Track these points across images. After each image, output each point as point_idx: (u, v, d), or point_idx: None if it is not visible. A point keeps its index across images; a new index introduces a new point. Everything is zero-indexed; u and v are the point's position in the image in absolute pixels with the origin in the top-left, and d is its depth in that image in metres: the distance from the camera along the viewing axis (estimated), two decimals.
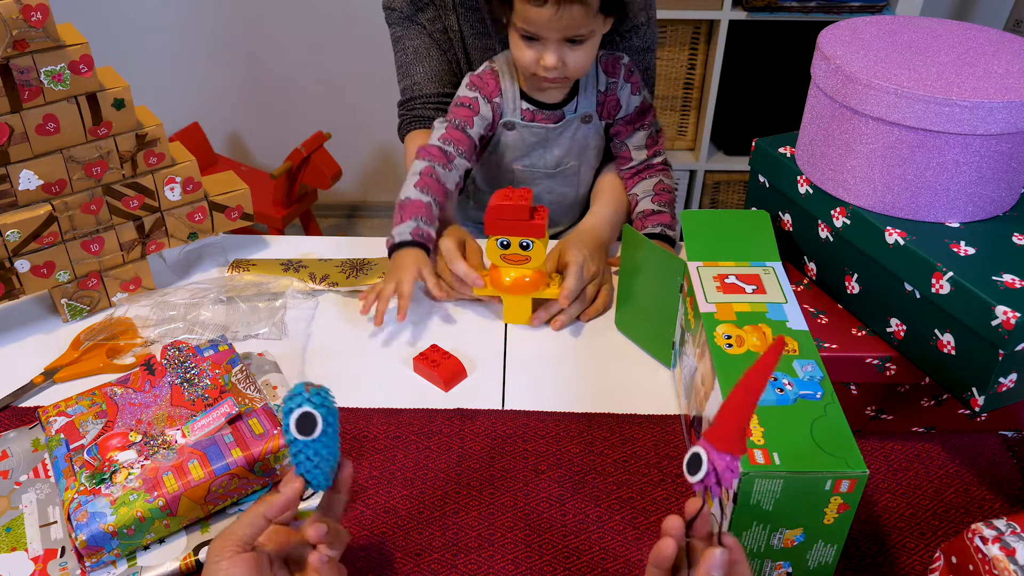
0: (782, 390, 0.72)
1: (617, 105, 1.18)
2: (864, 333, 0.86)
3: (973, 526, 0.65)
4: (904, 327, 0.82)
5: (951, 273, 0.75)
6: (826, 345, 0.84)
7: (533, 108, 1.15)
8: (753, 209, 0.99)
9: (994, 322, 0.71)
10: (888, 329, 0.84)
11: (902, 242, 0.79)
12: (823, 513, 0.67)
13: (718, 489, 0.58)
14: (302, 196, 2.42)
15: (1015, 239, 0.80)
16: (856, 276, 0.86)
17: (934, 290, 0.76)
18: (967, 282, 0.73)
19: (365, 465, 0.86)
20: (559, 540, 0.79)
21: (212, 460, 0.77)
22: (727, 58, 2.19)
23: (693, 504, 0.62)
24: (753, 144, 0.98)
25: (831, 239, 0.89)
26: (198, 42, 2.47)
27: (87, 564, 0.73)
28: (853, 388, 0.86)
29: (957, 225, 0.82)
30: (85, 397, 0.85)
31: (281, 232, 2.35)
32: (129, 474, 0.76)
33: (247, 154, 2.69)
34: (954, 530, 0.80)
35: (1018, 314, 0.70)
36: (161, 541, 0.76)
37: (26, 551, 0.75)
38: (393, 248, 1.05)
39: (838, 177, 0.86)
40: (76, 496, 0.74)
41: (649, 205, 1.17)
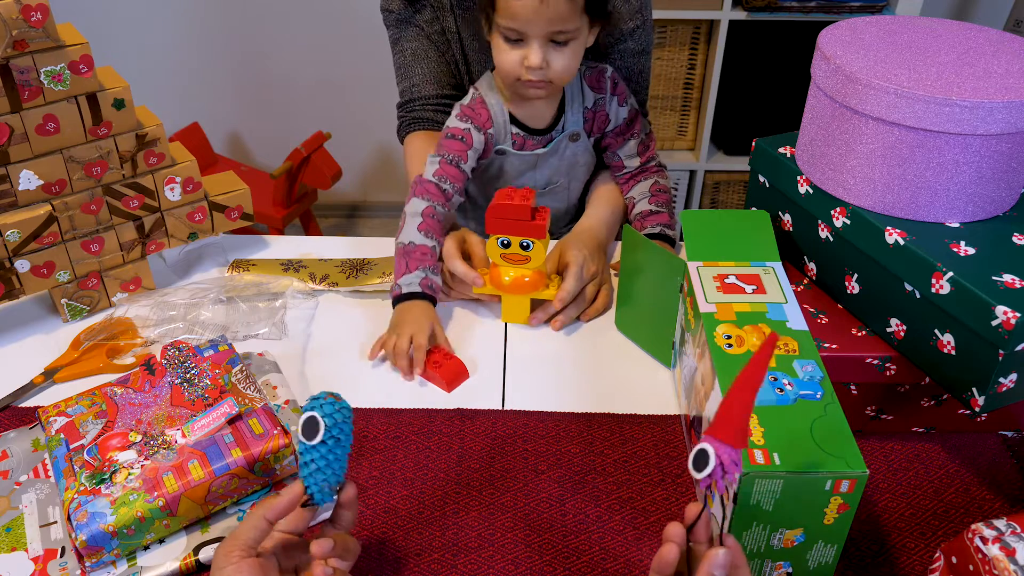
0: (782, 390, 0.72)
1: (606, 119, 1.16)
2: (864, 333, 0.86)
3: (973, 526, 0.65)
4: (904, 327, 0.82)
5: (951, 273, 0.75)
6: (826, 345, 0.84)
7: (524, 134, 1.13)
8: (753, 209, 0.99)
9: (994, 322, 0.71)
10: (888, 329, 0.84)
11: (902, 242, 0.79)
12: (823, 513, 0.67)
13: (722, 484, 0.59)
14: (302, 196, 2.42)
15: (1015, 239, 0.80)
16: (856, 276, 0.86)
17: (934, 290, 0.76)
18: (967, 282, 0.73)
19: (365, 465, 0.86)
20: (559, 540, 0.79)
21: (212, 460, 0.77)
22: (727, 58, 2.19)
23: (693, 509, 0.62)
24: (753, 144, 0.98)
25: (831, 239, 0.89)
26: (198, 42, 2.48)
27: (87, 564, 0.73)
28: (853, 388, 0.86)
29: (957, 225, 0.82)
30: (85, 397, 0.85)
31: (281, 232, 2.35)
32: (129, 474, 0.76)
33: (247, 154, 2.69)
34: (954, 530, 0.80)
35: (1018, 314, 0.70)
36: (161, 541, 0.76)
37: (26, 551, 0.75)
38: (400, 298, 1.02)
39: (838, 177, 0.86)
40: (76, 496, 0.74)
41: (647, 206, 1.17)
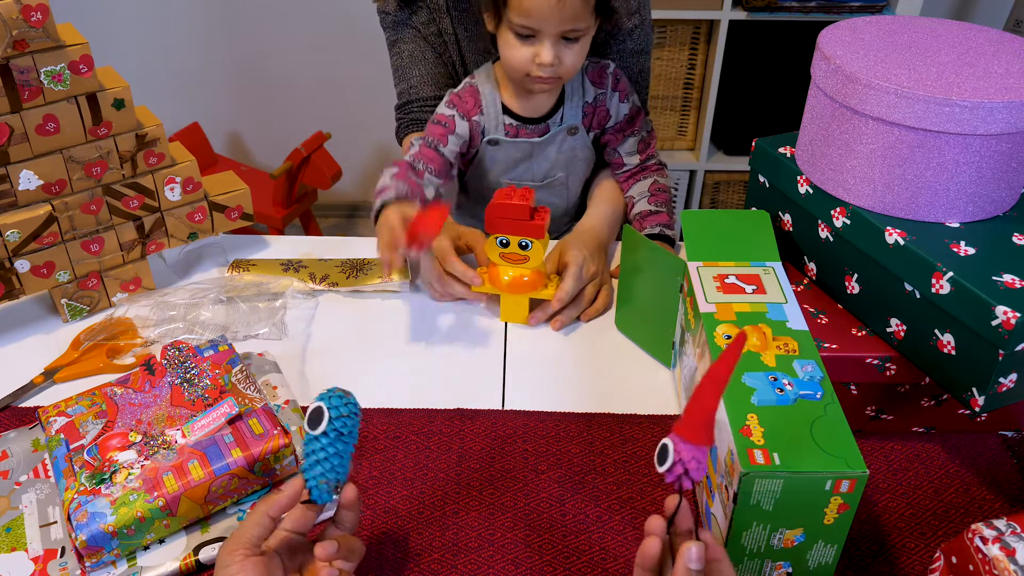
0: (782, 390, 0.72)
1: (607, 115, 1.17)
2: (864, 333, 0.86)
3: (973, 526, 0.65)
4: (904, 327, 0.82)
5: (951, 273, 0.75)
6: (826, 345, 0.84)
7: (517, 123, 1.14)
8: (753, 209, 0.99)
9: (994, 322, 0.71)
10: (888, 329, 0.84)
11: (902, 242, 0.79)
12: (823, 513, 0.67)
13: (688, 480, 0.60)
14: (302, 196, 2.42)
15: (1015, 239, 0.80)
16: (856, 276, 0.86)
17: (934, 290, 0.76)
18: (967, 282, 0.73)
19: (365, 465, 0.86)
20: (559, 540, 0.79)
21: (212, 460, 0.77)
22: (727, 58, 2.19)
23: (671, 501, 0.63)
24: (753, 144, 0.98)
25: (831, 239, 0.89)
26: (198, 42, 2.48)
27: (87, 564, 0.73)
28: (853, 388, 0.86)
29: (957, 225, 0.82)
30: (85, 397, 0.85)
31: (281, 232, 2.35)
32: (129, 474, 0.76)
33: (247, 154, 2.69)
34: (954, 530, 0.80)
35: (1018, 314, 0.70)
36: (161, 541, 0.76)
37: (26, 551, 0.75)
38: (377, 214, 1.00)
39: (838, 177, 0.86)
40: (76, 496, 0.74)
41: (646, 206, 1.17)
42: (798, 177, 0.91)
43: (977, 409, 0.76)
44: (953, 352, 0.77)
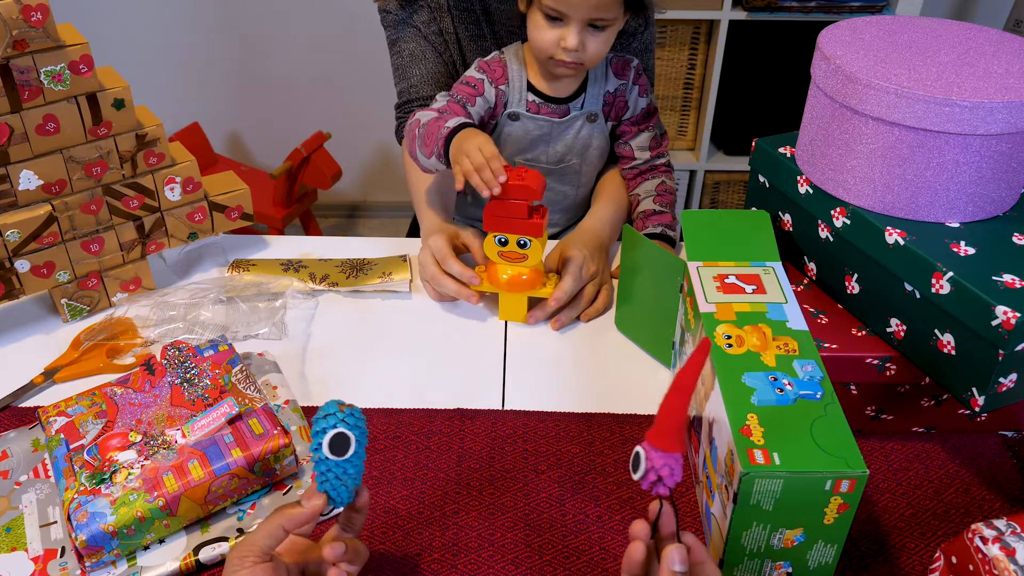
0: (782, 390, 0.72)
1: (625, 106, 1.18)
2: (864, 333, 0.86)
3: (973, 526, 0.65)
4: (904, 327, 0.82)
5: (951, 273, 0.75)
6: (826, 345, 0.84)
7: (539, 101, 1.15)
8: (753, 209, 0.99)
9: (994, 322, 0.71)
10: (888, 329, 0.84)
11: (902, 242, 0.79)
12: (823, 513, 0.67)
13: (662, 487, 0.61)
14: (302, 196, 2.42)
15: (1015, 239, 0.80)
16: (856, 276, 0.86)
17: (934, 290, 0.76)
18: (967, 282, 0.73)
19: (365, 465, 0.85)
20: (559, 540, 0.79)
21: (212, 460, 0.77)
22: (727, 58, 2.19)
23: (655, 505, 0.64)
24: (753, 144, 0.98)
25: (831, 239, 0.89)
26: (198, 42, 2.47)
27: (87, 564, 0.73)
28: (853, 388, 0.86)
29: (957, 225, 0.82)
30: (85, 397, 0.85)
31: (281, 232, 2.35)
32: (129, 474, 0.76)
33: (247, 154, 2.69)
34: (954, 530, 0.80)
35: (1018, 314, 0.70)
36: (161, 541, 0.76)
37: (26, 551, 0.75)
38: (450, 135, 1.01)
39: (838, 177, 0.86)
40: (76, 496, 0.74)
41: (651, 205, 1.17)
42: (798, 177, 0.91)
43: (977, 409, 0.76)
44: (953, 352, 0.77)
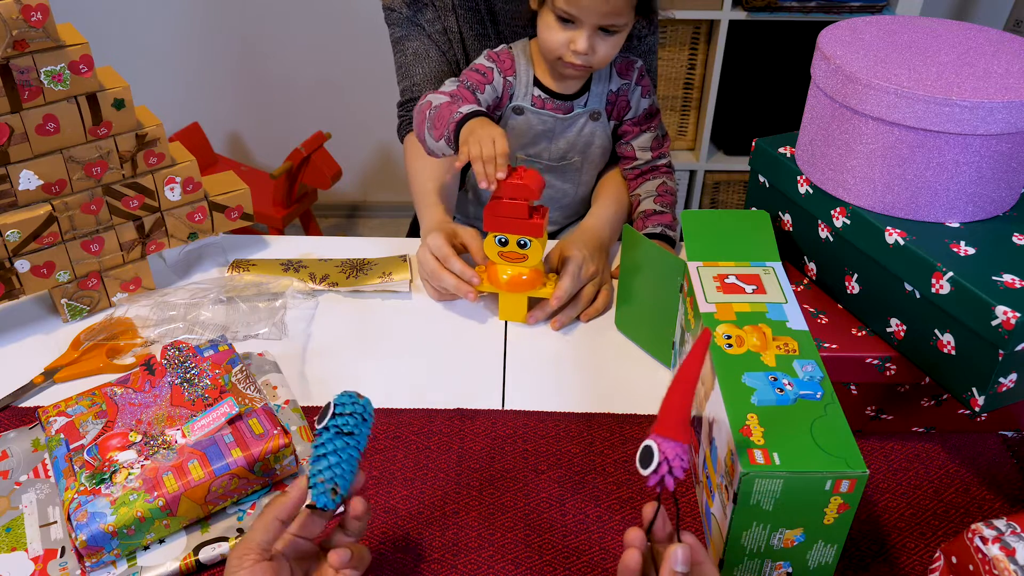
0: (782, 390, 0.72)
1: (627, 106, 1.18)
2: (864, 333, 0.86)
3: (973, 526, 0.65)
4: (904, 327, 0.82)
5: (951, 273, 0.75)
6: (826, 345, 0.84)
7: (544, 96, 1.15)
8: (753, 209, 0.99)
9: (994, 322, 0.71)
10: (888, 329, 0.84)
11: (902, 242, 0.79)
12: (823, 513, 0.67)
13: (671, 479, 0.61)
14: (302, 196, 2.42)
15: (1015, 239, 0.80)
16: (856, 276, 0.86)
17: (934, 290, 0.76)
18: (967, 282, 0.73)
19: (365, 465, 0.85)
20: (559, 540, 0.79)
21: (212, 460, 0.77)
22: (727, 58, 2.19)
23: (649, 508, 0.63)
24: (753, 144, 0.98)
25: (831, 239, 0.89)
26: (198, 42, 2.47)
27: (87, 564, 0.73)
28: (853, 388, 0.86)
29: (957, 225, 0.82)
30: (85, 397, 0.85)
31: (281, 232, 2.35)
32: (129, 474, 0.76)
33: (247, 154, 2.69)
34: (954, 530, 0.80)
35: (1018, 314, 0.70)
36: (161, 541, 0.76)
37: (26, 551, 0.75)
38: (462, 121, 1.01)
39: (838, 177, 0.86)
40: (76, 496, 0.74)
41: (651, 205, 1.17)
42: (798, 177, 0.91)
43: (977, 409, 0.76)
44: (953, 352, 0.77)
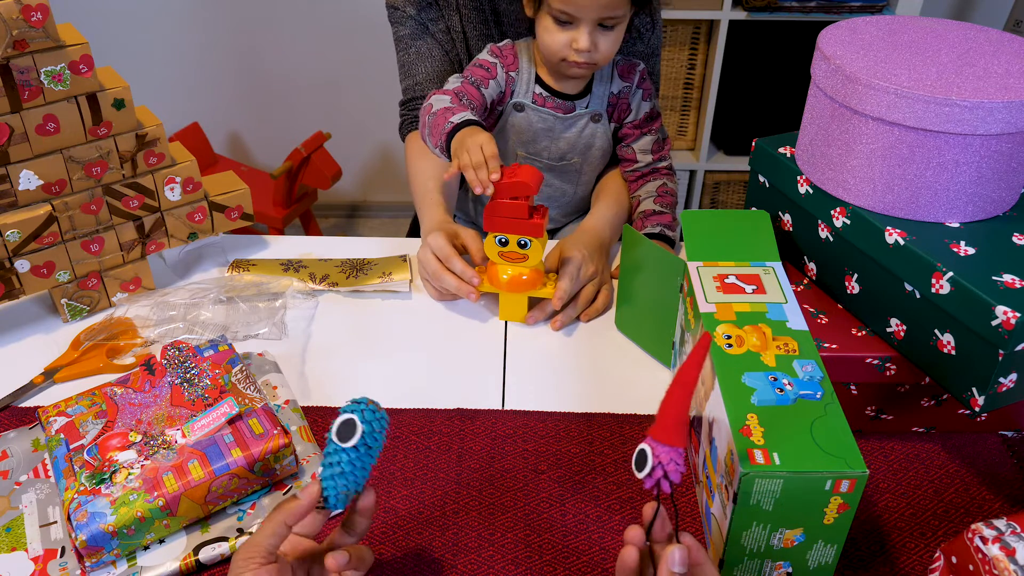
0: (782, 390, 0.72)
1: (628, 109, 1.19)
2: (864, 333, 0.86)
3: (973, 526, 0.65)
4: (904, 327, 0.82)
5: (951, 273, 0.75)
6: (826, 345, 0.84)
7: (545, 94, 1.16)
8: (753, 209, 0.99)
9: (994, 322, 0.71)
10: (888, 329, 0.84)
11: (902, 242, 0.79)
12: (823, 513, 0.67)
13: (667, 483, 0.61)
14: (302, 196, 2.42)
15: (1015, 239, 0.80)
16: (856, 276, 0.86)
17: (934, 290, 0.76)
18: (967, 282, 0.73)
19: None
20: (559, 540, 0.79)
21: (212, 460, 0.77)
22: (727, 58, 2.19)
23: (649, 508, 0.63)
24: (753, 144, 0.98)
25: (831, 239, 0.89)
26: (198, 42, 2.48)
27: (87, 564, 0.73)
28: (853, 388, 0.86)
29: (957, 225, 0.82)
30: (85, 397, 0.85)
31: (281, 232, 2.35)
32: (129, 474, 0.76)
33: (247, 154, 2.69)
34: (954, 530, 0.80)
35: (1018, 314, 0.70)
36: (161, 541, 0.76)
37: (26, 551, 0.75)
38: (454, 130, 1.01)
39: (838, 177, 0.86)
40: (76, 496, 0.74)
41: (651, 206, 1.17)
42: (798, 177, 0.91)
43: (977, 409, 0.76)
44: (953, 352, 0.77)
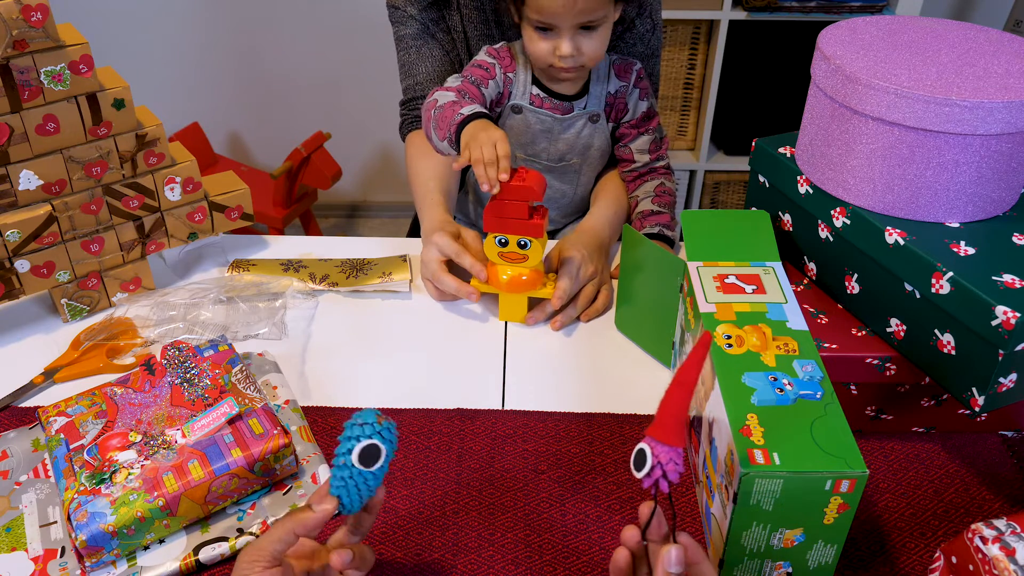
0: (782, 390, 0.72)
1: (625, 108, 1.19)
2: (864, 333, 0.86)
3: (973, 526, 0.65)
4: (904, 327, 0.82)
5: (951, 273, 0.75)
6: (826, 345, 0.84)
7: (543, 95, 1.15)
8: (753, 209, 0.99)
9: (994, 322, 0.71)
10: (888, 329, 0.84)
11: (902, 242, 0.79)
12: (823, 513, 0.67)
13: (665, 483, 0.60)
14: (302, 196, 2.42)
15: (1015, 239, 0.80)
16: (856, 276, 0.86)
17: (934, 290, 0.76)
18: (967, 282, 0.73)
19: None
20: (559, 540, 0.79)
21: (212, 460, 0.77)
22: (727, 58, 2.19)
23: (645, 508, 0.63)
24: (753, 144, 0.98)
25: (831, 239, 0.89)
26: (198, 42, 2.48)
27: (87, 564, 0.73)
28: (853, 388, 0.86)
29: (957, 225, 0.82)
30: (85, 397, 0.85)
31: (281, 232, 2.35)
32: (129, 474, 0.76)
33: (247, 154, 2.69)
34: (954, 530, 0.80)
35: (1018, 314, 0.70)
36: (161, 541, 0.76)
37: (26, 551, 0.75)
38: (464, 122, 0.99)
39: (838, 177, 0.86)
40: (76, 496, 0.74)
41: (649, 206, 1.17)
42: (798, 177, 0.91)
43: (977, 409, 0.76)
44: (953, 352, 0.77)
